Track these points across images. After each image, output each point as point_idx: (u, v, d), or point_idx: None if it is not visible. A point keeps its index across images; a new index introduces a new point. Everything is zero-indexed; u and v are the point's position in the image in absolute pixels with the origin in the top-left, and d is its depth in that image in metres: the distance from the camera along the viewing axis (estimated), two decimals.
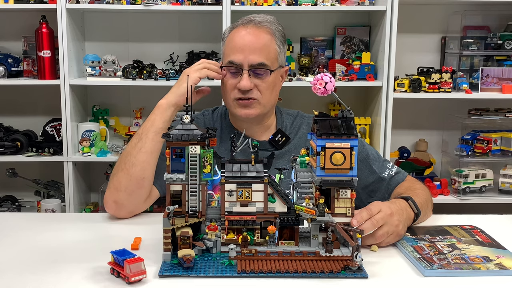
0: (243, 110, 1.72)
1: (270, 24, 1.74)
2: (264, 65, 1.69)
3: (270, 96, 1.74)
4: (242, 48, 1.69)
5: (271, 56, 1.72)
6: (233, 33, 1.74)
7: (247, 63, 1.68)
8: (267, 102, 1.74)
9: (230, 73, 1.72)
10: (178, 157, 1.26)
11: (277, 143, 1.79)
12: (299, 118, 1.87)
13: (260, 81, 1.70)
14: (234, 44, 1.71)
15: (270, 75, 1.71)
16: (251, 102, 1.71)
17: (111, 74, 2.99)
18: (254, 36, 1.70)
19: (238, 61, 1.69)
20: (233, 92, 1.72)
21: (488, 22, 3.18)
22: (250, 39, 1.70)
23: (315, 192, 1.27)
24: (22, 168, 3.18)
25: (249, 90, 1.69)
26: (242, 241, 1.26)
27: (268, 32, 1.72)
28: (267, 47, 1.71)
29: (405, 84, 2.92)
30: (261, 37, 1.71)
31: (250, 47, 1.69)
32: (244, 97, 1.70)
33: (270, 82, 1.72)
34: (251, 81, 1.69)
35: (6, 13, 3.12)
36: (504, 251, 1.35)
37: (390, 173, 1.76)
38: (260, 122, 1.79)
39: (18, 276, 1.21)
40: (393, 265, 1.29)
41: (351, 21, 3.21)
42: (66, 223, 1.61)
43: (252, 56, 1.68)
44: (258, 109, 1.73)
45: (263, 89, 1.71)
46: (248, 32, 1.71)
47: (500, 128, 3.06)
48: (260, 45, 1.70)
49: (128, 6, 2.90)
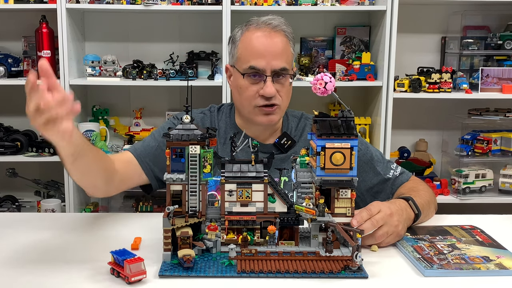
0: (265, 117, 1.70)
1: (286, 27, 1.72)
2: (286, 69, 1.68)
3: (287, 100, 1.75)
4: (262, 54, 1.66)
5: (289, 60, 1.71)
6: (248, 35, 1.70)
7: (270, 69, 1.66)
8: (285, 107, 1.75)
9: (249, 79, 1.68)
10: (178, 157, 1.26)
11: (283, 147, 1.77)
12: (303, 120, 1.86)
13: (281, 86, 1.69)
14: (253, 48, 1.67)
15: (289, 79, 1.71)
16: (274, 108, 1.69)
17: (111, 74, 2.99)
18: (273, 40, 1.67)
19: (260, 66, 1.66)
20: (256, 99, 1.68)
21: (488, 22, 3.18)
22: (270, 44, 1.67)
23: (315, 192, 1.27)
24: (22, 168, 3.18)
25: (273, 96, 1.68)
26: (242, 241, 1.26)
27: (284, 36, 1.70)
28: (286, 51, 1.70)
29: (405, 84, 2.92)
30: (279, 41, 1.68)
31: (271, 52, 1.66)
32: (269, 104, 1.68)
33: (288, 86, 1.72)
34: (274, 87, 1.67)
35: (6, 13, 3.12)
36: (504, 251, 1.35)
37: (395, 174, 1.75)
38: (272, 126, 1.79)
39: (18, 276, 1.21)
40: (393, 265, 1.29)
41: (351, 21, 3.21)
42: (66, 223, 1.61)
43: (275, 61, 1.66)
44: (279, 114, 1.73)
45: (283, 94, 1.70)
46: (266, 36, 1.68)
47: (500, 128, 3.06)
48: (281, 49, 1.68)
49: (128, 6, 2.90)
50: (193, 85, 1.67)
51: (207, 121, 1.83)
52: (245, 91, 1.70)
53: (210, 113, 1.86)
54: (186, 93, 1.26)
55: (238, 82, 1.72)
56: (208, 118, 1.84)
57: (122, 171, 1.64)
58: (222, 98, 2.87)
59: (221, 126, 1.82)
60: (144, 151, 1.73)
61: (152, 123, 3.24)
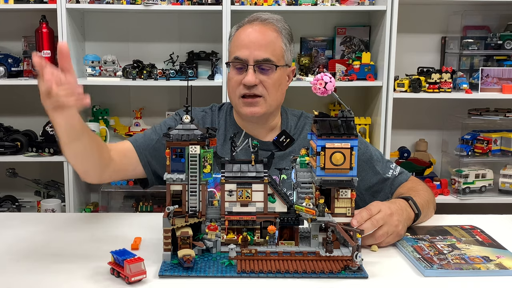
0: (248, 108, 1.72)
1: (277, 22, 1.75)
2: (270, 60, 1.69)
3: (276, 94, 1.74)
4: (247, 45, 1.69)
5: (277, 53, 1.72)
6: (239, 31, 1.75)
7: (252, 59, 1.68)
8: (273, 100, 1.74)
9: (235, 70, 1.72)
10: (178, 157, 1.26)
11: (281, 144, 1.78)
12: (302, 118, 1.87)
13: (266, 77, 1.70)
14: (240, 41, 1.72)
15: (276, 71, 1.71)
16: (257, 100, 1.71)
17: (111, 74, 2.99)
18: (259, 32, 1.71)
19: (243, 56, 1.69)
20: (238, 88, 1.71)
21: (488, 22, 3.18)
22: (256, 36, 1.70)
23: (315, 192, 1.27)
24: (22, 168, 3.18)
25: (254, 86, 1.69)
26: (242, 241, 1.26)
27: (274, 30, 1.73)
28: (273, 44, 1.71)
29: (405, 84, 2.92)
30: (267, 33, 1.71)
31: (255, 43, 1.69)
32: (250, 93, 1.70)
33: (275, 78, 1.72)
34: (256, 77, 1.69)
35: (6, 13, 3.12)
36: (504, 251, 1.35)
37: (394, 174, 1.75)
38: (265, 122, 1.79)
39: (18, 276, 1.21)
40: (393, 265, 1.29)
41: (351, 21, 3.21)
42: (66, 223, 1.61)
43: (258, 51, 1.68)
44: (264, 107, 1.72)
45: (268, 85, 1.71)
46: (254, 29, 1.72)
47: (500, 128, 3.06)
48: (266, 41, 1.70)
49: (128, 6, 2.90)
50: (193, 85, 1.67)
51: (208, 119, 1.84)
52: (231, 81, 1.74)
53: (212, 112, 1.87)
54: (186, 93, 1.26)
55: (228, 75, 1.77)
56: (209, 116, 1.85)
57: (118, 161, 1.65)
58: (222, 98, 2.87)
59: (221, 124, 1.84)
60: (144, 142, 1.74)
61: (152, 123, 3.23)
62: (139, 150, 1.72)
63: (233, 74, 1.73)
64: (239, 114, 1.78)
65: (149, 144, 1.74)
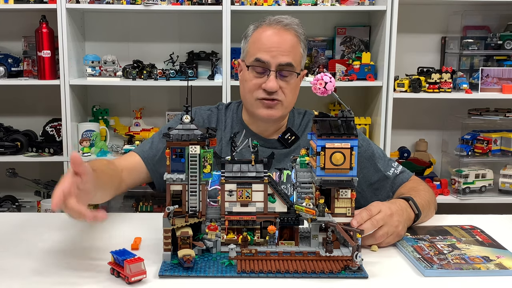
0: (266, 110, 1.72)
1: (297, 27, 1.74)
2: (292, 66, 1.69)
3: (293, 98, 1.75)
4: (269, 48, 1.68)
5: (297, 59, 1.72)
6: (259, 32, 1.73)
7: (275, 64, 1.68)
8: (289, 105, 1.75)
9: (255, 72, 1.71)
10: (178, 157, 1.26)
11: (286, 142, 1.79)
12: (307, 115, 1.89)
13: (285, 83, 1.70)
14: (261, 43, 1.70)
15: (295, 77, 1.72)
16: (276, 103, 1.71)
17: (111, 74, 2.99)
18: (282, 37, 1.70)
19: (265, 59, 1.68)
20: (257, 91, 1.71)
21: (488, 22, 3.18)
22: (278, 40, 1.69)
23: (315, 192, 1.27)
24: (22, 168, 3.18)
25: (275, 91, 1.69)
26: (242, 241, 1.26)
27: (295, 35, 1.72)
28: (294, 49, 1.71)
29: (405, 84, 2.92)
30: (288, 39, 1.70)
31: (278, 47, 1.68)
32: (269, 98, 1.70)
33: (294, 84, 1.73)
34: (277, 83, 1.68)
35: (6, 13, 3.12)
36: (504, 251, 1.35)
37: (395, 172, 1.76)
38: (276, 122, 1.80)
39: (18, 276, 1.21)
40: (393, 265, 1.29)
41: (351, 21, 3.21)
42: (66, 223, 1.61)
43: (280, 56, 1.68)
44: (281, 110, 1.73)
45: (287, 91, 1.71)
46: (276, 33, 1.70)
47: (500, 128, 3.06)
48: (288, 46, 1.69)
49: (128, 6, 2.90)
50: (193, 85, 1.67)
51: (213, 118, 1.85)
52: (249, 83, 1.72)
53: (218, 110, 1.88)
54: (186, 93, 1.26)
55: (244, 75, 1.75)
56: (215, 115, 1.86)
57: (129, 179, 1.67)
58: (222, 98, 2.87)
59: (227, 122, 1.84)
60: (151, 153, 1.74)
61: (152, 123, 3.24)
62: (147, 161, 1.73)
63: (251, 76, 1.71)
64: (254, 114, 1.76)
65: (155, 154, 1.74)
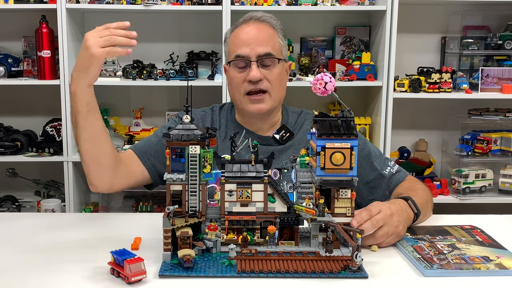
0: (255, 105, 1.74)
1: (271, 19, 1.79)
2: (271, 54, 1.72)
3: (279, 88, 1.77)
4: (247, 42, 1.72)
5: (277, 48, 1.75)
6: (236, 31, 1.78)
7: (255, 55, 1.71)
8: (277, 95, 1.77)
9: (237, 68, 1.74)
10: (178, 157, 1.26)
11: (281, 138, 1.80)
12: (303, 115, 1.90)
13: (268, 71, 1.73)
14: (239, 39, 1.74)
15: (278, 65, 1.74)
16: (263, 97, 1.73)
17: (111, 74, 2.99)
18: (257, 29, 1.75)
19: (245, 53, 1.71)
20: (243, 86, 1.73)
21: (488, 22, 3.18)
22: (255, 32, 1.74)
23: (315, 192, 1.27)
24: (22, 168, 3.18)
25: (259, 81, 1.71)
26: (242, 241, 1.26)
27: (270, 26, 1.77)
28: (272, 39, 1.75)
29: (405, 84, 2.92)
30: (264, 30, 1.75)
31: (255, 39, 1.72)
32: (255, 89, 1.72)
33: (278, 72, 1.75)
34: (260, 72, 1.71)
35: (6, 13, 3.12)
36: (504, 251, 1.35)
37: (391, 171, 1.76)
38: (268, 117, 1.81)
39: (18, 276, 1.21)
40: (393, 265, 1.29)
41: (351, 21, 3.21)
42: (66, 223, 1.61)
43: (259, 47, 1.71)
44: (270, 103, 1.75)
45: (272, 79, 1.73)
46: (252, 28, 1.75)
47: (500, 128, 3.06)
48: (265, 37, 1.74)
49: (128, 6, 2.90)
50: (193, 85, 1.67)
51: (208, 118, 1.86)
52: (234, 80, 1.75)
53: (212, 111, 1.89)
54: (186, 93, 1.26)
55: (229, 74, 1.78)
56: (209, 116, 1.87)
57: (127, 163, 1.67)
58: (222, 98, 2.87)
59: (222, 122, 1.86)
60: (145, 146, 1.76)
61: (152, 123, 3.24)
62: (141, 154, 1.73)
63: (235, 73, 1.74)
64: (244, 111, 1.79)
65: (149, 146, 1.75)
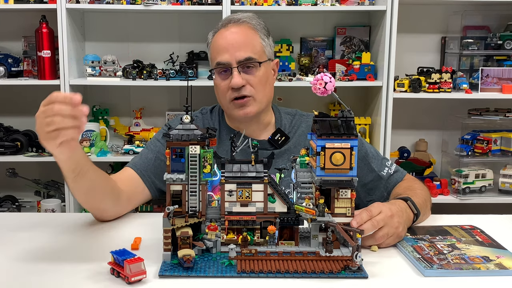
0: (240, 110, 1.72)
1: (250, 19, 1.76)
2: (252, 58, 1.70)
3: (264, 90, 1.74)
4: (226, 48, 1.70)
5: (257, 50, 1.73)
6: (216, 37, 1.76)
7: (235, 60, 1.69)
8: (262, 98, 1.74)
9: (220, 75, 1.73)
10: (178, 157, 1.26)
11: (277, 142, 1.79)
12: (297, 117, 1.88)
13: (251, 76, 1.71)
14: (218, 46, 1.73)
15: (260, 68, 1.72)
16: (247, 100, 1.71)
17: (111, 74, 2.99)
18: (236, 34, 1.72)
19: (225, 60, 1.70)
20: (228, 93, 1.71)
21: (488, 22, 3.18)
22: (233, 37, 1.71)
23: (315, 192, 1.27)
24: (22, 168, 3.18)
25: (242, 87, 1.69)
26: (242, 241, 1.26)
27: (249, 27, 1.74)
28: (251, 41, 1.72)
29: (405, 84, 2.92)
30: (243, 33, 1.73)
31: (234, 44, 1.70)
32: (239, 96, 1.70)
33: (261, 76, 1.72)
34: (242, 78, 1.69)
35: (6, 13, 3.12)
36: (504, 251, 1.35)
37: (389, 172, 1.75)
38: (258, 120, 1.79)
39: (18, 276, 1.21)
40: (393, 265, 1.29)
41: (351, 21, 3.21)
42: (66, 223, 1.61)
43: (238, 52, 1.69)
44: (255, 106, 1.73)
45: (255, 83, 1.71)
46: (230, 32, 1.73)
47: (500, 128, 3.06)
48: (243, 40, 1.71)
49: (128, 6, 2.90)
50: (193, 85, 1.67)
51: (199, 123, 1.83)
52: (219, 87, 1.74)
53: (202, 115, 1.87)
54: (186, 93, 1.26)
55: (214, 81, 1.77)
56: (200, 120, 1.85)
57: (127, 189, 1.63)
58: None
59: (215, 125, 1.84)
60: (143, 164, 1.72)
61: (152, 123, 3.24)
62: (141, 173, 1.70)
63: (219, 80, 1.73)
64: (232, 117, 1.78)
65: (148, 164, 1.72)
